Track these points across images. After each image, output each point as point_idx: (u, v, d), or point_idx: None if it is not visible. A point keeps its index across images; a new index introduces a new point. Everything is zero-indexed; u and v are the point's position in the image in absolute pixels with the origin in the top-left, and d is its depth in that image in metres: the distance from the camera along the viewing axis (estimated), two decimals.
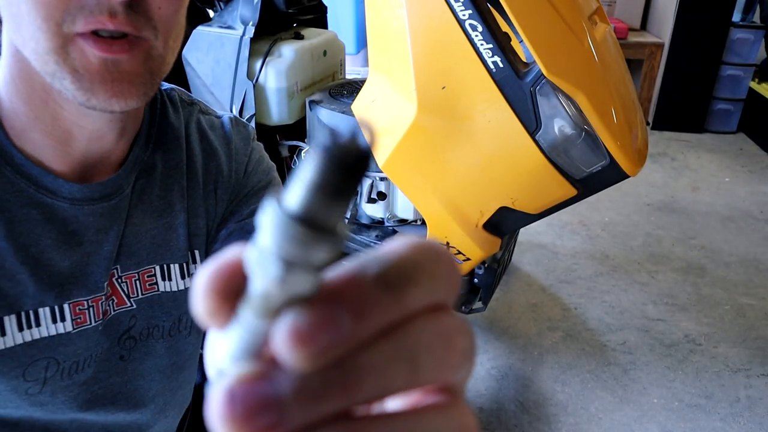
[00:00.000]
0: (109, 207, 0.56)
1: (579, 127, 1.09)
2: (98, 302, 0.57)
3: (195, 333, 0.66)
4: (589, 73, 1.08)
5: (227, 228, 0.65)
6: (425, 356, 0.16)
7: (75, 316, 0.55)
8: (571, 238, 2.64)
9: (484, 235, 1.35)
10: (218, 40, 1.55)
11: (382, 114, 1.28)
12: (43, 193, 0.52)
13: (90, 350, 0.57)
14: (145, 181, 0.59)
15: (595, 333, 2.06)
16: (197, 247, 0.64)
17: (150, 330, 0.62)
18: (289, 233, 0.13)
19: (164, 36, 0.48)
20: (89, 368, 0.57)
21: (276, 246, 0.13)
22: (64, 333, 0.55)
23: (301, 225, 0.13)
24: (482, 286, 1.61)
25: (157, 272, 0.61)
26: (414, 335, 0.16)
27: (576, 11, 1.08)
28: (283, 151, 1.71)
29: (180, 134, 0.63)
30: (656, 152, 3.62)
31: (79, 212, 0.54)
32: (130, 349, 0.60)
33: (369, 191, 1.53)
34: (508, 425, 1.68)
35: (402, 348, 0.15)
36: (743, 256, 2.53)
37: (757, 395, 1.80)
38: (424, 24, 1.13)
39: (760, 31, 3.68)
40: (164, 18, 0.47)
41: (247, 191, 0.68)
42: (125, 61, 0.46)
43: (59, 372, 0.55)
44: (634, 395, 1.79)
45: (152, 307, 0.61)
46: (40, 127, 0.51)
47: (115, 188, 0.56)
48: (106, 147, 0.55)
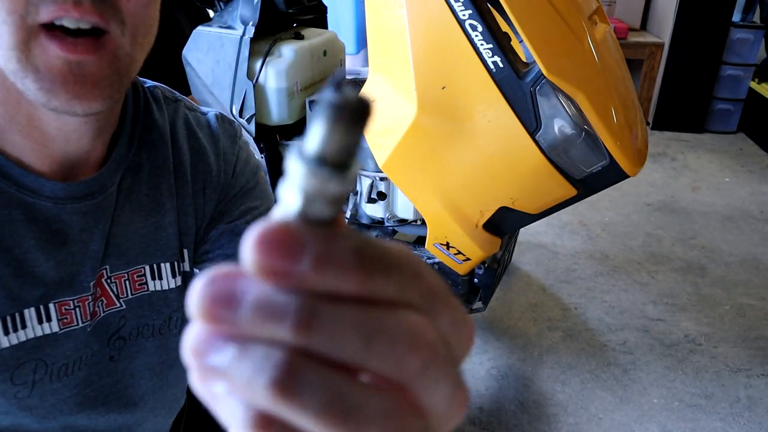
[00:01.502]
0: (93, 205, 0.55)
1: (579, 127, 1.09)
2: (85, 302, 0.56)
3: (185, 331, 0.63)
4: (589, 73, 1.08)
5: (217, 229, 0.65)
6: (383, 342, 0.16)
7: (61, 317, 0.54)
8: (571, 238, 2.64)
9: (484, 235, 1.35)
10: (218, 40, 1.55)
11: (382, 114, 1.28)
12: (25, 193, 0.51)
13: (79, 352, 0.56)
14: (131, 180, 0.59)
15: (595, 333, 2.06)
16: (186, 246, 0.63)
17: (140, 329, 0.61)
18: (308, 171, 0.16)
19: (132, 31, 0.46)
20: (80, 371, 0.57)
21: (299, 181, 0.16)
22: (50, 333, 0.54)
23: (318, 164, 0.16)
24: (482, 286, 1.61)
25: (146, 272, 0.60)
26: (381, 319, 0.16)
27: (576, 11, 1.08)
28: (283, 151, 1.71)
29: (165, 131, 0.62)
30: (656, 152, 3.62)
31: (62, 211, 0.53)
32: (119, 349, 0.60)
33: (369, 191, 1.53)
34: (508, 425, 1.68)
35: (363, 323, 0.16)
36: (743, 256, 2.53)
37: (757, 395, 1.80)
38: (424, 24, 1.13)
39: (760, 31, 3.68)
40: (132, 11, 0.45)
41: (236, 192, 0.67)
42: (90, 62, 0.44)
43: (48, 374, 0.54)
44: (634, 395, 1.79)
45: (142, 306, 0.61)
46: (16, 128, 0.49)
47: (98, 186, 0.55)
48: (84, 147, 0.53)
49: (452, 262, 1.43)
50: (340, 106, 0.15)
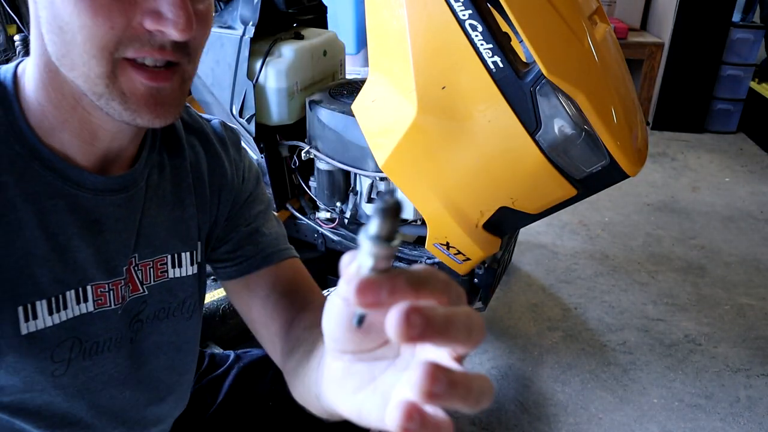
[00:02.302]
0: (126, 198, 0.62)
1: (579, 127, 1.09)
2: (118, 286, 0.62)
3: (195, 317, 0.72)
4: (589, 73, 1.08)
5: (237, 232, 0.74)
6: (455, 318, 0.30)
7: (96, 298, 0.60)
8: (571, 238, 2.64)
9: (484, 235, 1.35)
10: (218, 40, 1.55)
11: (382, 114, 1.28)
12: (69, 185, 0.57)
13: (109, 332, 0.62)
14: (157, 178, 0.66)
15: (595, 333, 2.06)
16: (201, 239, 0.71)
17: (156, 313, 0.68)
18: (372, 245, 0.30)
19: (194, 59, 0.55)
20: (108, 351, 0.63)
21: (369, 251, 0.30)
22: (86, 313, 0.60)
23: (375, 240, 0.30)
24: (482, 286, 1.61)
25: (168, 260, 0.67)
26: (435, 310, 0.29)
27: (576, 11, 1.08)
28: (283, 151, 1.71)
29: (181, 135, 0.70)
30: (656, 152, 3.62)
31: (101, 202, 0.60)
32: (137, 331, 0.66)
33: (369, 191, 1.53)
34: (508, 425, 1.68)
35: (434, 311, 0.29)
36: (743, 256, 2.53)
37: (757, 395, 1.80)
38: (424, 24, 1.13)
39: (760, 31, 3.68)
40: (196, 45, 0.54)
41: (246, 196, 0.76)
42: (166, 88, 0.52)
43: (81, 352, 0.60)
44: (634, 395, 1.79)
45: (161, 292, 0.67)
46: (68, 128, 0.56)
47: (131, 181, 0.62)
48: (124, 145, 0.60)
49: (452, 262, 1.43)
50: (386, 209, 0.29)
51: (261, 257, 0.73)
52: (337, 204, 1.64)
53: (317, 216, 1.73)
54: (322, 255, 1.77)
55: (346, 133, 1.48)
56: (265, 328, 0.72)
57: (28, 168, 0.55)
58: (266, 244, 0.74)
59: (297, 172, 1.75)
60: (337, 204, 1.64)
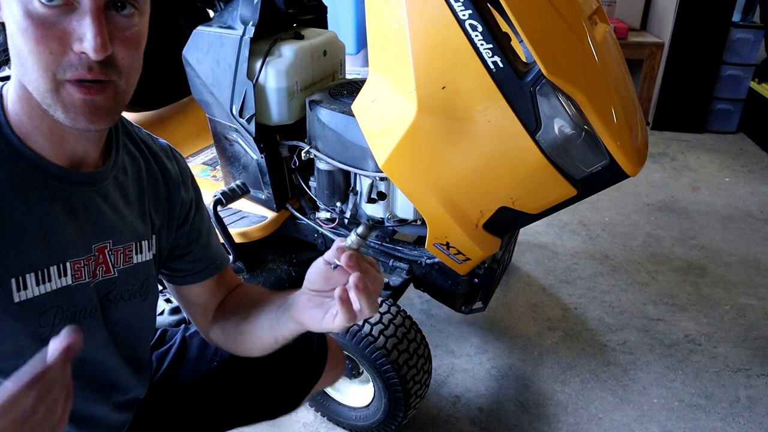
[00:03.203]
0: (95, 191, 0.76)
1: (579, 127, 1.09)
2: (89, 261, 0.76)
3: (150, 299, 0.87)
4: (589, 73, 1.08)
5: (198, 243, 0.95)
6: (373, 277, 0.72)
7: (74, 272, 0.74)
8: (571, 238, 2.64)
9: (484, 235, 1.35)
10: (218, 40, 1.55)
11: (382, 114, 1.28)
12: (50, 179, 0.70)
13: (84, 303, 0.76)
14: (123, 178, 0.81)
15: (595, 333, 2.06)
16: (155, 232, 0.88)
17: (122, 294, 0.82)
18: (356, 237, 0.73)
19: (127, 76, 0.66)
20: (85, 320, 0.76)
21: (354, 237, 0.73)
22: (66, 286, 0.73)
23: (358, 236, 0.72)
24: (482, 286, 1.61)
25: (133, 247, 0.82)
26: (371, 272, 0.72)
27: (576, 11, 1.08)
28: (283, 151, 1.71)
29: (141, 147, 0.86)
30: (656, 152, 3.62)
31: (75, 193, 0.73)
32: (105, 309, 0.80)
33: (369, 191, 1.53)
34: (508, 425, 1.68)
35: (370, 275, 0.72)
36: (743, 256, 2.53)
37: (757, 395, 1.80)
38: (424, 24, 1.13)
39: (760, 31, 3.68)
40: (127, 65, 0.65)
41: (193, 209, 0.94)
42: (100, 100, 0.65)
43: (64, 319, 0.73)
44: (634, 395, 1.79)
45: (128, 275, 0.82)
46: (40, 133, 0.69)
47: (98, 178, 0.76)
48: (88, 148, 0.74)
49: (452, 262, 1.43)
50: (366, 227, 0.72)
51: (214, 267, 0.97)
52: (337, 204, 1.64)
53: (317, 216, 1.73)
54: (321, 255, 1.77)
55: (346, 133, 1.48)
56: (202, 307, 0.98)
57: (16, 166, 0.68)
58: (217, 255, 0.98)
59: (297, 172, 1.75)
60: (337, 204, 1.64)
